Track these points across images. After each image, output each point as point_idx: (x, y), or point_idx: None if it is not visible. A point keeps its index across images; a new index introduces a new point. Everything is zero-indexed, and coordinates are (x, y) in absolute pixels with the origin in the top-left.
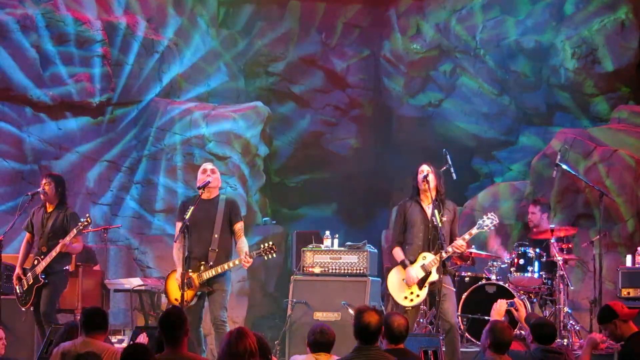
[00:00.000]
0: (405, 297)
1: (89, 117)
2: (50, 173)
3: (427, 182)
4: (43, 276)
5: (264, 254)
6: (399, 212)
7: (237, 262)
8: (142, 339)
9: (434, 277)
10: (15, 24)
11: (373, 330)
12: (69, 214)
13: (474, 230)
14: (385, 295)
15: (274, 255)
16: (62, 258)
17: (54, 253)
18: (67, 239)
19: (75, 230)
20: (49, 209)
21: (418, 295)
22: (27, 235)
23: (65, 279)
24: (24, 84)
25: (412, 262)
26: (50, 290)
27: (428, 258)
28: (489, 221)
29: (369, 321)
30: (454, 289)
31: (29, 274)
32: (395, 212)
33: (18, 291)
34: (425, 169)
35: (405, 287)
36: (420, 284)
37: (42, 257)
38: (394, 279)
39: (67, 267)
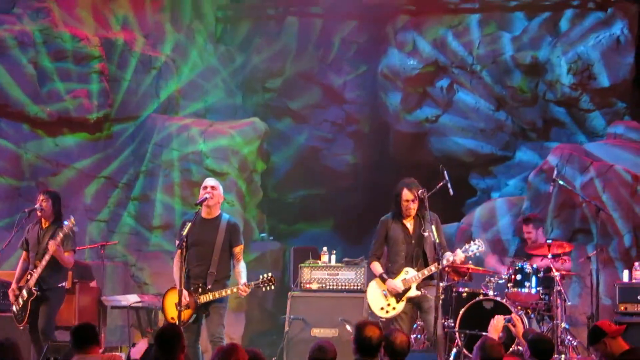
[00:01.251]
0: (382, 308)
1: (87, 133)
2: (47, 189)
3: (410, 209)
4: (36, 288)
5: (262, 286)
6: (381, 227)
7: (234, 289)
8: (142, 344)
9: (413, 292)
10: (13, 40)
11: (374, 345)
12: (62, 228)
13: (458, 257)
14: None
15: (272, 287)
16: (58, 273)
17: (44, 262)
18: (54, 243)
19: (61, 234)
20: (45, 225)
21: (394, 308)
22: (24, 253)
23: (62, 295)
24: (22, 100)
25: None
26: (48, 307)
27: (410, 273)
28: (474, 247)
29: (370, 335)
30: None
31: (24, 290)
32: (378, 226)
33: (15, 310)
34: (407, 197)
35: (383, 299)
36: (398, 297)
37: (35, 270)
38: (373, 289)
39: (63, 284)
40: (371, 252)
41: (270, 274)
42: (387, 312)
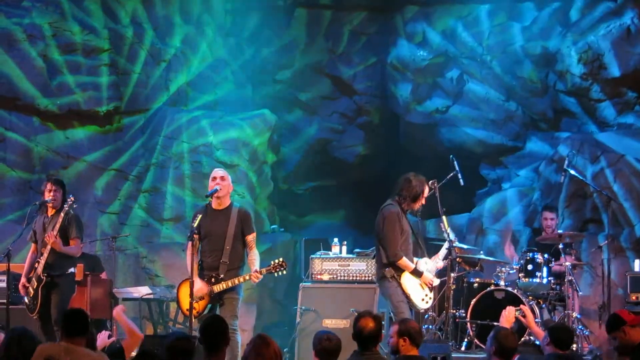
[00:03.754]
0: (423, 299)
1: (97, 126)
2: (55, 179)
3: (421, 205)
4: (45, 274)
5: (273, 271)
6: (396, 221)
7: (247, 277)
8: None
9: (436, 281)
10: (23, 33)
11: (366, 336)
12: (71, 216)
13: (446, 245)
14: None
15: (284, 272)
16: (65, 260)
17: (46, 251)
18: (51, 235)
19: (62, 214)
20: (50, 213)
21: (431, 298)
22: (33, 246)
23: (72, 282)
24: (32, 93)
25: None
26: (59, 295)
27: (428, 264)
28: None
29: (363, 326)
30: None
31: (33, 279)
32: (390, 221)
33: (26, 300)
34: (426, 193)
35: (421, 290)
36: (430, 287)
37: (41, 257)
38: (410, 282)
39: (72, 270)
40: (397, 248)
41: (281, 259)
42: (427, 302)
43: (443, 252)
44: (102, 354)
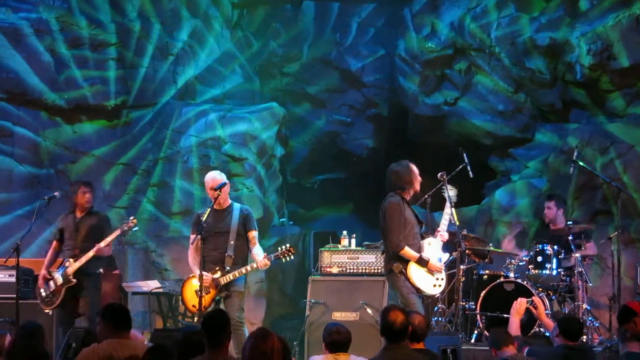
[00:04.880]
0: (434, 285)
1: (105, 120)
2: (86, 181)
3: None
4: (76, 278)
5: (281, 257)
6: (399, 212)
7: (254, 265)
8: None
9: (444, 257)
10: (30, 28)
11: (398, 329)
12: (102, 216)
13: (447, 210)
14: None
15: (292, 257)
16: (97, 261)
17: (91, 253)
18: (103, 243)
19: (119, 231)
20: (79, 214)
21: (443, 279)
22: (55, 243)
23: (98, 281)
24: (39, 88)
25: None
26: (88, 297)
27: (433, 243)
28: (452, 192)
29: (393, 320)
30: None
31: (57, 275)
32: (391, 212)
33: (43, 293)
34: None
35: (430, 276)
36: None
37: (74, 259)
38: (416, 271)
39: (100, 270)
40: (400, 238)
41: (288, 245)
42: (439, 286)
43: (444, 222)
44: (144, 343)
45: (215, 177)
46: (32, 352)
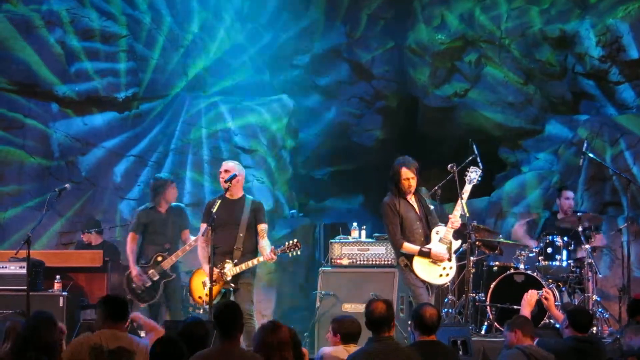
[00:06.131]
0: (441, 275)
1: (115, 112)
2: (171, 178)
3: (411, 187)
4: (172, 272)
5: (288, 251)
6: (391, 209)
7: (261, 259)
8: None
9: (455, 245)
10: (41, 20)
11: (376, 318)
12: (183, 209)
13: (467, 188)
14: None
15: (298, 252)
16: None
17: (187, 247)
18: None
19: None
20: (164, 209)
21: (451, 267)
22: (132, 235)
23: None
24: (50, 80)
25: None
26: (178, 290)
27: (441, 231)
28: (474, 174)
29: (372, 309)
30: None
31: (152, 270)
32: (384, 212)
33: (138, 290)
34: (407, 175)
35: (435, 267)
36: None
37: (166, 253)
38: (419, 265)
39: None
40: (397, 236)
41: (295, 240)
42: (447, 274)
43: (458, 209)
44: (139, 341)
45: (229, 167)
46: (41, 341)
